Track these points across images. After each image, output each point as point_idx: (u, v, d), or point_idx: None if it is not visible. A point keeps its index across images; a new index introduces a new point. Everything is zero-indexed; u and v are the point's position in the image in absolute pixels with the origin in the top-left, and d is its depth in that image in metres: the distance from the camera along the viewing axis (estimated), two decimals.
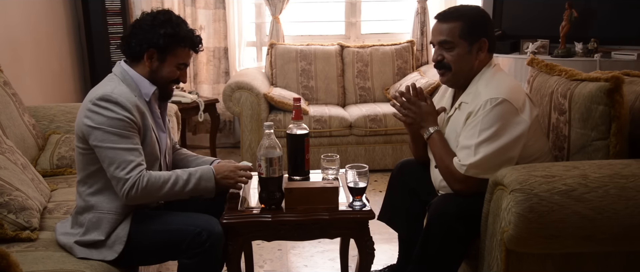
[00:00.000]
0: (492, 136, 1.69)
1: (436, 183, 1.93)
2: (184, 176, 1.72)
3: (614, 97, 1.72)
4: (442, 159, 1.80)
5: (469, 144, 1.71)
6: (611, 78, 1.73)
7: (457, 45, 1.80)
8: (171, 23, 1.72)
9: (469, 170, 1.70)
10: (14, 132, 2.30)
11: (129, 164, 1.62)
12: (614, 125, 1.73)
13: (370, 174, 1.81)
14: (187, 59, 1.79)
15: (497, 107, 1.70)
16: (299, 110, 1.94)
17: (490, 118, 1.70)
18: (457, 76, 1.85)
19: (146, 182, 1.64)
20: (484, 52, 1.82)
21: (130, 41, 1.73)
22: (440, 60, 1.85)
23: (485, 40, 1.81)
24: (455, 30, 1.80)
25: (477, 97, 1.77)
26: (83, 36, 4.01)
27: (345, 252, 2.26)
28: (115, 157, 1.62)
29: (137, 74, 1.74)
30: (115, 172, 1.62)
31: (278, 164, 1.70)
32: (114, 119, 1.62)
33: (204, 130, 4.45)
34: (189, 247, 1.65)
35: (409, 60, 4.31)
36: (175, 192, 1.70)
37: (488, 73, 1.83)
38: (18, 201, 1.79)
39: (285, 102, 3.71)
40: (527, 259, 1.62)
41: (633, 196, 1.51)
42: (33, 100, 3.07)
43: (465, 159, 1.71)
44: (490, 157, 1.69)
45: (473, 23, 1.81)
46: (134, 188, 1.62)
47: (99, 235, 1.66)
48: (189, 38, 1.75)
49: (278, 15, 4.28)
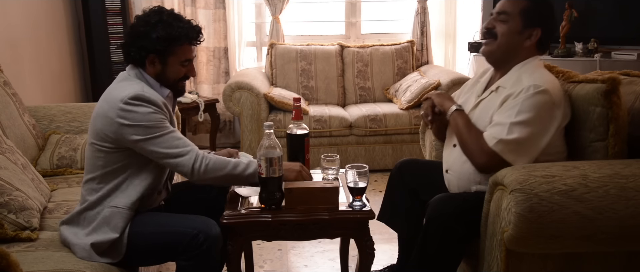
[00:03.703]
0: (528, 121, 1.69)
1: (448, 163, 1.94)
2: (244, 160, 1.76)
3: (611, 99, 1.71)
4: (469, 131, 1.79)
5: (504, 122, 1.71)
6: (608, 79, 1.72)
7: (512, 19, 1.81)
8: (163, 24, 1.71)
9: (498, 145, 1.70)
10: (14, 132, 2.30)
11: (183, 142, 1.68)
12: (612, 126, 1.72)
13: (370, 174, 1.81)
14: (189, 55, 1.78)
15: (539, 94, 1.70)
16: (299, 110, 1.94)
17: (531, 103, 1.70)
18: (499, 50, 1.84)
19: (209, 159, 1.69)
20: (533, 43, 1.82)
21: (129, 50, 1.74)
22: (490, 28, 1.85)
23: (540, 31, 1.81)
24: (518, 6, 1.81)
25: (518, 82, 1.76)
26: (83, 36, 4.01)
27: (345, 252, 2.26)
28: (166, 141, 1.66)
29: (149, 76, 1.76)
30: (174, 151, 1.66)
31: (278, 164, 1.70)
32: (151, 114, 1.66)
33: (204, 130, 4.46)
34: (186, 249, 1.65)
35: (409, 60, 4.31)
36: (235, 174, 1.73)
37: (532, 64, 1.83)
38: (18, 201, 1.79)
39: (285, 102, 3.71)
40: (527, 259, 1.62)
41: (633, 196, 1.51)
42: (33, 100, 3.07)
43: (498, 134, 1.71)
44: (520, 140, 1.69)
45: (537, 9, 1.81)
46: (198, 162, 1.67)
47: (112, 232, 1.66)
48: (184, 35, 1.73)
49: (278, 15, 4.28)
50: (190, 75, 1.82)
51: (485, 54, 1.89)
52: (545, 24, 1.83)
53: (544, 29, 1.82)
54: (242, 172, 1.73)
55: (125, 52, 1.75)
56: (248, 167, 1.74)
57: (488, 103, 1.84)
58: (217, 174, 1.71)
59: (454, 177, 1.91)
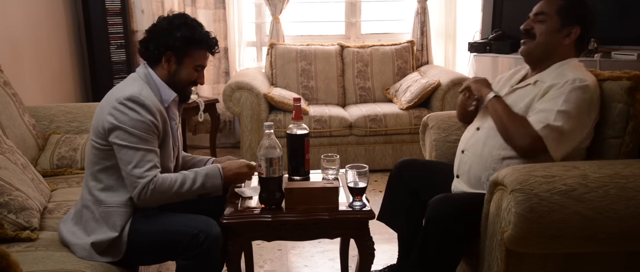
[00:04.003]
0: (571, 113, 1.72)
1: (466, 144, 1.96)
2: (190, 175, 1.74)
3: (635, 96, 1.73)
4: (511, 116, 1.81)
5: (551, 108, 1.73)
6: (633, 76, 1.75)
7: (549, 19, 1.84)
8: (187, 26, 1.76)
9: (545, 130, 1.72)
10: (14, 132, 2.30)
11: (146, 164, 1.65)
12: (631, 124, 1.74)
13: (370, 174, 1.81)
14: (204, 61, 1.83)
15: (583, 89, 1.73)
16: (299, 110, 1.94)
17: (575, 96, 1.72)
18: (538, 49, 1.87)
19: (157, 183, 1.66)
20: (572, 41, 1.85)
21: (148, 45, 1.76)
22: (529, 29, 1.88)
23: (579, 29, 1.84)
24: (554, 6, 1.84)
25: (562, 76, 1.78)
26: (83, 36, 4.01)
27: (345, 252, 2.26)
28: (133, 157, 1.64)
29: (159, 78, 1.77)
30: (132, 170, 1.64)
31: (278, 164, 1.70)
32: (138, 121, 1.65)
33: (204, 130, 4.46)
34: (186, 248, 1.65)
35: (409, 60, 4.31)
36: (183, 192, 1.71)
37: (574, 63, 1.85)
38: (18, 201, 1.79)
39: (285, 102, 3.71)
40: (527, 259, 1.62)
41: (633, 196, 1.51)
42: (33, 101, 3.07)
43: (544, 119, 1.73)
44: (563, 130, 1.71)
45: (574, 7, 1.84)
46: (145, 189, 1.64)
47: (111, 231, 1.66)
48: (205, 40, 1.79)
49: (278, 15, 4.28)
50: (199, 83, 1.85)
51: (524, 53, 1.92)
52: (583, 22, 1.85)
53: (582, 26, 1.84)
54: (189, 189, 1.71)
55: (144, 47, 1.77)
56: (194, 182, 1.72)
57: (523, 92, 1.87)
58: (163, 196, 1.69)
59: (470, 159, 1.91)
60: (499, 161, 1.82)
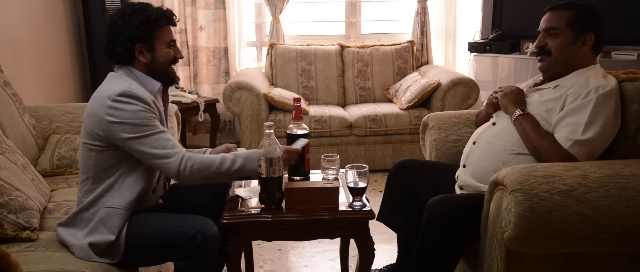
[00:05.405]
0: (599, 120, 1.72)
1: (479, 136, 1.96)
2: (230, 156, 1.73)
3: None
4: (539, 135, 1.79)
5: (579, 122, 1.73)
6: None
7: (562, 32, 1.83)
8: (138, 11, 1.73)
9: (574, 147, 1.71)
10: (14, 132, 2.30)
11: (167, 143, 1.66)
12: None
13: (370, 174, 1.81)
14: (172, 35, 1.80)
15: (607, 94, 1.73)
16: (299, 110, 1.94)
17: (601, 103, 1.72)
18: (556, 63, 1.86)
19: (195, 159, 1.67)
20: (589, 48, 1.84)
21: (115, 47, 1.74)
22: (543, 46, 1.87)
23: (593, 35, 1.82)
24: (563, 19, 1.83)
25: (585, 85, 1.78)
26: (83, 36, 4.01)
27: (345, 252, 2.26)
28: (151, 143, 1.64)
29: (139, 72, 1.76)
30: (157, 154, 1.64)
31: (278, 164, 1.70)
32: (138, 112, 1.64)
33: (204, 130, 4.45)
34: (184, 249, 1.65)
35: (409, 60, 4.31)
36: (223, 171, 1.70)
37: (595, 70, 1.85)
38: (18, 201, 1.79)
39: (285, 102, 3.71)
40: (527, 259, 1.61)
41: (633, 196, 1.51)
42: (33, 101, 3.07)
43: (571, 134, 1.73)
44: (594, 139, 1.71)
45: (583, 15, 1.83)
46: (182, 165, 1.65)
47: (109, 233, 1.66)
48: (161, 15, 1.76)
49: (278, 15, 4.28)
50: (178, 57, 1.82)
51: (544, 70, 1.92)
52: (595, 27, 1.84)
53: (596, 32, 1.83)
54: (228, 169, 1.71)
55: (111, 51, 1.75)
56: (234, 163, 1.72)
57: (543, 92, 1.87)
58: (203, 174, 1.69)
59: (481, 149, 1.91)
60: (510, 155, 1.82)
